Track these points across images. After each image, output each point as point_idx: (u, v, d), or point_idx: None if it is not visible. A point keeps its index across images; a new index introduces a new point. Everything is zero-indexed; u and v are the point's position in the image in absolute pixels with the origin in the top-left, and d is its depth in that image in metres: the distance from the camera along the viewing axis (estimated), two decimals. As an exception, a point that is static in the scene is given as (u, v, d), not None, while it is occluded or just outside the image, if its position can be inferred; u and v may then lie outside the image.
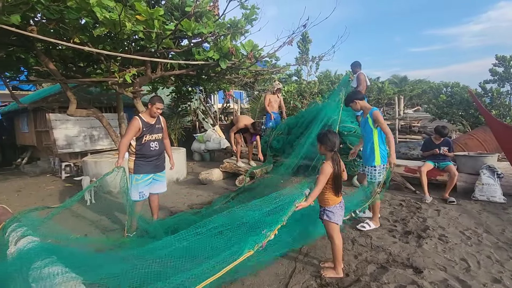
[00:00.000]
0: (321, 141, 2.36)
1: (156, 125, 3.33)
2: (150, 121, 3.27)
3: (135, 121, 3.16)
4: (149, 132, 3.24)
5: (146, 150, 3.23)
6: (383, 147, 3.25)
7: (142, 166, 3.24)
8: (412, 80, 26.28)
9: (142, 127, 3.17)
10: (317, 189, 2.26)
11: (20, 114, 9.22)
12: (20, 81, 5.84)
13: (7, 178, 7.72)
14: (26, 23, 3.38)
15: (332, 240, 2.37)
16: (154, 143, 3.30)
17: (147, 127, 3.22)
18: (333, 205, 2.35)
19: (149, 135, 3.24)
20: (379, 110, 3.26)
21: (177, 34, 4.11)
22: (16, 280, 1.56)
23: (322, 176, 2.26)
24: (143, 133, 3.19)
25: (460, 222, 3.41)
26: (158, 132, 3.34)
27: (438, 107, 9.77)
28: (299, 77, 15.17)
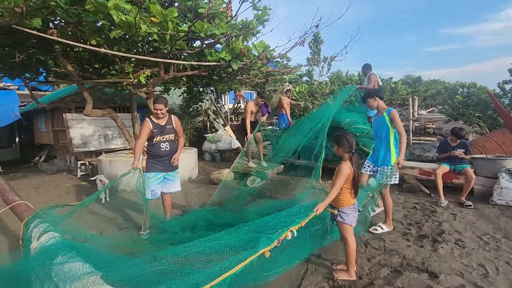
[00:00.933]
0: (339, 143, 2.33)
1: (167, 125, 3.36)
2: (160, 122, 3.30)
3: (146, 123, 3.24)
4: (159, 133, 3.28)
5: (156, 150, 3.30)
6: (397, 148, 3.23)
7: (153, 165, 3.31)
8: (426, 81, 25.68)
9: (153, 128, 3.23)
10: (335, 190, 2.24)
11: (39, 114, 9.53)
12: (39, 82, 6.05)
13: (26, 175, 8.00)
14: (46, 27, 3.50)
15: (346, 242, 2.35)
16: (165, 144, 3.33)
17: (158, 128, 3.27)
18: (347, 206, 2.34)
19: (159, 136, 3.29)
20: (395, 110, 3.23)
21: (190, 36, 4.16)
22: (38, 274, 1.62)
23: (341, 177, 2.24)
24: (154, 134, 3.24)
25: (477, 227, 3.31)
26: (169, 133, 3.37)
27: (454, 108, 9.51)
28: (310, 77, 15.07)
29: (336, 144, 2.36)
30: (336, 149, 2.37)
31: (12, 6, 2.54)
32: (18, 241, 2.41)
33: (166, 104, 3.30)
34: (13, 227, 3.84)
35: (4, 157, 11.05)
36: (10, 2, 2.49)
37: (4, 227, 3.93)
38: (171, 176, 3.48)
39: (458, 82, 10.87)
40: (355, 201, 2.40)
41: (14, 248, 3.13)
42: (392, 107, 3.30)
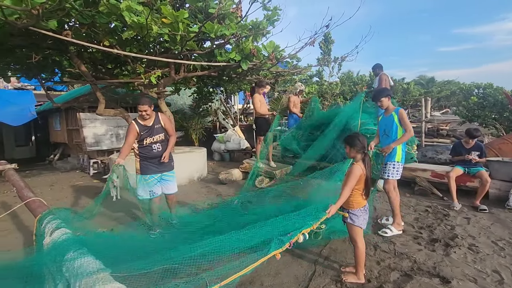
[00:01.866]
0: (351, 143, 2.29)
1: (155, 125, 3.23)
2: (147, 123, 3.18)
3: (131, 126, 3.15)
4: (148, 134, 3.18)
5: (149, 152, 3.22)
6: (404, 148, 3.29)
7: (147, 167, 3.25)
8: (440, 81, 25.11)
9: (140, 130, 3.13)
10: (346, 191, 2.21)
11: (54, 113, 9.80)
12: (54, 82, 6.23)
13: (41, 173, 8.24)
14: (61, 28, 3.60)
15: (355, 244, 2.32)
16: (156, 144, 3.24)
17: (145, 130, 3.17)
18: (358, 208, 2.30)
19: (149, 138, 3.19)
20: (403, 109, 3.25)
21: (200, 36, 4.20)
22: (50, 268, 1.67)
23: (352, 178, 2.21)
24: (142, 136, 3.15)
25: (492, 232, 3.21)
26: (158, 133, 3.25)
27: (469, 110, 9.25)
28: (320, 78, 14.96)
29: (348, 145, 2.32)
30: (349, 150, 2.33)
31: (29, 9, 2.62)
32: (31, 236, 2.49)
33: (150, 104, 3.16)
34: (27, 222, 3.96)
35: (21, 155, 11.42)
36: (27, 4, 2.58)
37: (19, 223, 4.06)
38: (168, 177, 3.40)
39: (473, 83, 10.56)
40: (366, 203, 2.36)
41: (28, 243, 3.23)
42: (400, 107, 3.31)
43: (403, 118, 3.15)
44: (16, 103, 9.10)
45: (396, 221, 3.24)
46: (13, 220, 4.16)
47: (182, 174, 5.92)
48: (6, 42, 3.70)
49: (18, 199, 3.16)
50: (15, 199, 5.26)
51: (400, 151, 3.23)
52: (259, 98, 5.45)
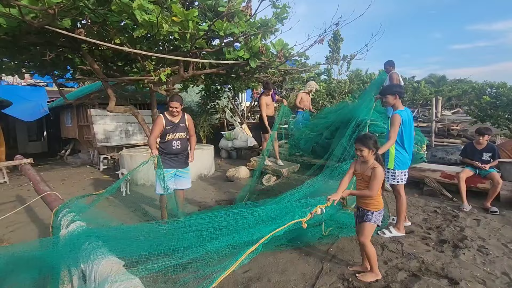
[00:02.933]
0: (369, 146, 2.25)
1: (180, 124, 3.37)
2: (174, 119, 3.32)
3: (159, 119, 3.28)
4: (172, 131, 3.31)
5: (168, 148, 3.33)
6: (402, 152, 3.14)
7: (164, 162, 3.32)
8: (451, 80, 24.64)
9: (166, 125, 3.26)
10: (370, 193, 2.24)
11: (65, 109, 10.01)
12: (66, 79, 6.36)
13: (53, 167, 8.44)
14: (75, 27, 3.67)
15: (367, 244, 2.32)
16: (177, 142, 3.36)
17: (170, 126, 3.30)
18: (380, 209, 2.34)
19: (172, 134, 3.32)
20: (404, 112, 3.11)
21: (210, 34, 4.22)
22: (66, 260, 1.74)
23: (379, 182, 2.23)
24: (166, 131, 3.27)
25: (503, 234, 3.17)
26: (181, 131, 3.39)
27: (481, 109, 9.06)
28: (329, 76, 14.85)
29: (365, 147, 2.25)
30: (367, 153, 2.26)
31: (46, 8, 2.69)
32: (46, 228, 2.57)
33: (181, 102, 3.32)
34: (42, 215, 4.08)
35: (34, 149, 11.71)
36: (44, 4, 2.64)
37: (34, 215, 4.19)
38: (182, 173, 3.50)
39: (486, 82, 10.32)
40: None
41: (43, 235, 3.34)
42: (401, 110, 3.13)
43: (393, 123, 3.02)
44: (30, 99, 9.34)
45: (397, 225, 3.21)
46: (28, 213, 4.29)
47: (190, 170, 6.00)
48: (22, 40, 3.80)
49: (32, 193, 3.27)
50: (29, 193, 5.42)
51: (392, 157, 3.12)
52: (266, 100, 5.59)
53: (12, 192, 5.74)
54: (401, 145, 3.14)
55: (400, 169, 3.15)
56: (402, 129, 3.07)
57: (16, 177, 6.95)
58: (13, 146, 10.78)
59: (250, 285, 2.31)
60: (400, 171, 3.16)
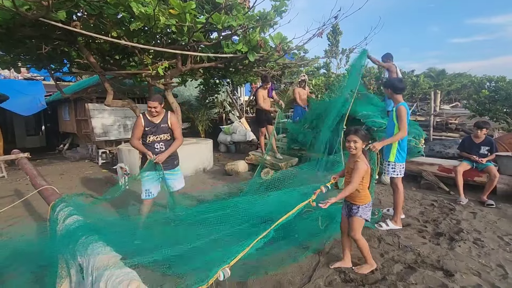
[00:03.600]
0: (362, 137, 2.25)
1: (162, 124, 3.07)
2: (154, 120, 3.04)
3: (138, 120, 3.03)
4: (153, 132, 3.04)
5: (151, 151, 3.01)
6: (404, 146, 3.17)
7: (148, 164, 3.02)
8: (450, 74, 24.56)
9: (145, 125, 3.00)
10: (351, 187, 2.20)
11: (63, 104, 9.96)
12: (63, 72, 6.31)
13: (51, 162, 8.43)
14: (70, 19, 3.63)
15: (359, 238, 2.34)
16: (160, 144, 3.08)
17: (151, 127, 3.02)
18: (368, 202, 2.33)
19: (153, 136, 3.04)
20: (406, 105, 3.12)
21: (208, 27, 4.18)
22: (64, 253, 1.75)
23: (360, 175, 2.21)
24: (146, 132, 3.02)
25: (498, 227, 3.20)
26: (163, 132, 3.09)
27: (479, 103, 9.07)
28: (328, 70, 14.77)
29: (360, 139, 2.24)
30: (361, 145, 2.25)
31: (40, 0, 2.65)
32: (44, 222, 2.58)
33: (160, 101, 3.03)
34: (39, 209, 4.09)
35: (32, 144, 11.68)
36: (37, -5, 2.61)
37: (31, 210, 4.20)
38: (171, 175, 3.20)
39: (485, 76, 10.32)
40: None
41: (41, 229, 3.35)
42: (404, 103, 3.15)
43: (400, 115, 3.03)
44: (27, 93, 9.27)
45: (394, 218, 3.24)
46: (26, 207, 4.30)
47: (188, 165, 6.01)
48: (17, 32, 3.75)
49: (30, 187, 3.27)
50: (27, 187, 5.42)
51: (394, 150, 3.14)
52: (263, 93, 5.56)
53: (10, 186, 5.74)
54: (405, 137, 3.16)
55: (400, 162, 3.18)
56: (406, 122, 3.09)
57: (14, 172, 6.94)
58: (11, 141, 10.75)
59: (248, 278, 2.33)
60: (400, 164, 3.19)
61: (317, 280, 2.28)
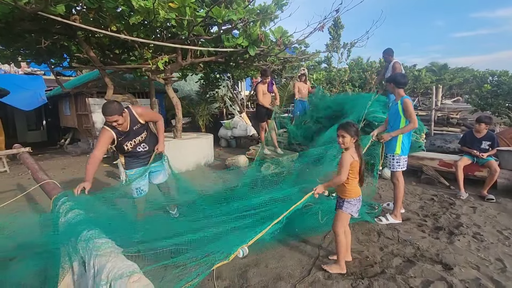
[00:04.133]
0: (350, 132, 2.22)
1: (134, 127, 2.71)
2: (123, 128, 2.65)
3: (103, 132, 2.58)
4: (128, 139, 2.71)
5: (135, 154, 2.84)
6: (407, 140, 3.20)
7: (133, 163, 2.89)
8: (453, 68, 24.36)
9: (117, 136, 2.64)
10: (338, 178, 2.19)
11: (63, 98, 9.95)
12: (63, 67, 6.29)
13: (53, 156, 8.47)
14: (69, 13, 3.61)
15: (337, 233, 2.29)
16: (141, 145, 2.83)
17: (123, 135, 2.67)
18: (355, 197, 2.29)
19: (129, 143, 2.72)
20: (408, 98, 3.13)
21: (208, 21, 4.15)
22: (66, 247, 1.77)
23: (345, 166, 2.18)
24: (121, 142, 2.67)
25: (498, 221, 3.21)
26: (140, 133, 2.78)
27: (482, 98, 9.02)
28: (329, 64, 14.67)
29: (347, 134, 2.21)
30: (349, 140, 2.22)
31: (38, -7, 2.63)
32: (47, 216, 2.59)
33: (119, 112, 2.49)
34: (42, 203, 4.12)
35: (33, 139, 11.71)
36: (36, -12, 2.58)
37: (34, 204, 4.23)
38: (156, 168, 3.03)
39: (488, 70, 10.25)
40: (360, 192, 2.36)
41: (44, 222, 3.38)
42: (407, 96, 3.18)
43: (407, 108, 3.03)
44: (27, 88, 9.26)
45: (394, 213, 3.25)
46: (28, 201, 4.33)
47: (189, 159, 6.02)
48: (16, 26, 3.73)
49: (32, 182, 3.28)
50: (29, 181, 5.45)
51: (399, 143, 3.15)
52: (262, 88, 5.54)
53: (13, 181, 5.77)
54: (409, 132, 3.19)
55: (404, 154, 3.20)
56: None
57: (17, 166, 6.98)
58: (12, 136, 10.77)
59: (248, 271, 2.36)
60: (404, 157, 3.20)
61: (316, 273, 2.30)
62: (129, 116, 2.65)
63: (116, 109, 2.45)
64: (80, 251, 1.67)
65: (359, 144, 2.29)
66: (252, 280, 2.26)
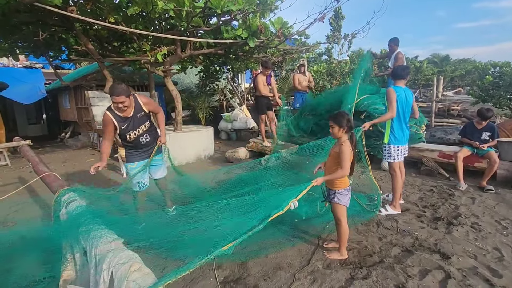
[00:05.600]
0: (340, 123, 2.19)
1: (137, 114, 2.70)
2: (126, 114, 2.63)
3: (105, 117, 2.58)
4: (131, 128, 2.68)
5: (137, 145, 2.82)
6: (397, 129, 3.17)
7: (134, 156, 2.87)
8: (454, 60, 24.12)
9: (119, 124, 2.61)
10: (343, 171, 2.18)
11: (63, 92, 9.90)
12: (62, 60, 6.25)
13: (53, 150, 8.49)
14: (66, 4, 3.56)
15: (339, 223, 2.35)
16: (144, 135, 2.80)
17: (125, 122, 2.64)
18: (344, 188, 2.30)
19: (133, 132, 2.70)
20: (394, 88, 3.10)
21: (206, 12, 4.10)
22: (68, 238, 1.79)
23: (347, 159, 2.17)
24: (123, 131, 2.64)
25: (496, 212, 3.23)
26: (143, 122, 2.76)
27: (483, 90, 8.93)
28: (330, 56, 14.53)
29: (336, 125, 2.21)
30: (337, 130, 2.22)
31: (34, -17, 2.59)
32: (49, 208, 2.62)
33: (127, 94, 2.52)
34: (43, 195, 4.15)
35: (34, 132, 11.70)
36: (31, -21, 2.55)
37: (35, 196, 4.27)
38: (155, 161, 2.99)
39: (490, 62, 10.12)
40: (349, 182, 2.37)
41: (45, 214, 3.41)
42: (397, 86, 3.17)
43: (388, 96, 3.06)
44: (26, 82, 9.21)
45: (393, 203, 3.27)
46: (30, 193, 4.36)
47: (189, 152, 6.03)
48: (12, 18, 3.69)
49: (33, 174, 3.30)
50: (30, 174, 5.48)
51: (388, 132, 3.18)
52: (262, 79, 5.47)
53: (14, 174, 5.81)
54: (398, 120, 3.16)
55: (395, 144, 3.18)
56: (398, 105, 3.08)
57: (18, 160, 7.01)
58: (13, 129, 10.76)
59: (248, 261, 2.39)
60: (395, 147, 3.19)
61: (315, 263, 2.33)
62: (134, 103, 2.67)
63: (124, 90, 2.49)
64: (82, 242, 1.69)
65: (351, 134, 2.26)
66: (252, 269, 2.29)
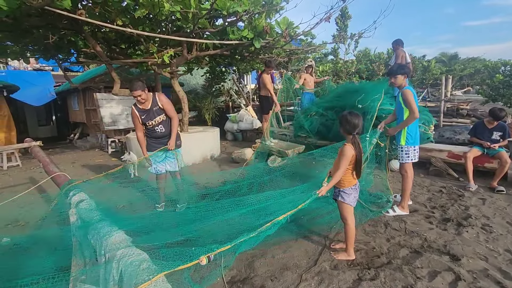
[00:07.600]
0: (340, 123, 2.25)
1: (153, 108, 3.23)
2: (144, 107, 3.21)
3: (132, 111, 3.25)
4: (149, 118, 3.23)
5: (153, 133, 3.36)
6: (413, 129, 3.12)
7: (152, 145, 3.39)
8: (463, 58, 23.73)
9: (139, 115, 3.19)
10: (339, 173, 2.18)
11: (72, 93, 10.08)
12: (71, 62, 6.36)
13: (63, 151, 8.64)
14: (75, 8, 3.63)
15: (346, 222, 2.35)
16: (159, 126, 3.32)
17: (144, 113, 3.21)
18: (348, 186, 2.29)
19: (150, 121, 3.25)
20: (411, 89, 3.06)
21: (212, 14, 4.13)
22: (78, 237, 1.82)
23: (344, 159, 2.17)
24: (143, 120, 3.22)
25: (508, 213, 3.16)
26: (158, 115, 3.27)
27: (493, 88, 8.78)
28: (336, 55, 14.45)
29: (340, 125, 2.27)
30: (342, 130, 2.27)
31: (44, -12, 2.65)
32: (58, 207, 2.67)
33: (143, 88, 3.08)
34: (53, 196, 4.22)
35: (44, 133, 11.93)
36: (42, -17, 2.60)
37: (46, 196, 4.35)
38: (170, 154, 3.43)
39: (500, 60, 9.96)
40: (357, 181, 2.35)
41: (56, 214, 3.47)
42: (409, 87, 3.11)
43: (406, 98, 3.00)
44: (36, 84, 9.39)
45: (402, 204, 3.23)
46: (41, 193, 4.45)
47: (195, 152, 6.06)
48: (23, 22, 3.78)
49: (44, 175, 3.36)
50: (41, 175, 5.58)
51: (404, 133, 3.12)
52: (269, 78, 5.44)
53: (25, 174, 5.93)
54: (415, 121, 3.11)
55: (412, 145, 3.14)
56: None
57: (28, 160, 7.15)
58: (23, 131, 10.98)
59: (255, 261, 2.39)
60: (412, 147, 3.14)
61: (323, 264, 2.32)
62: (151, 98, 3.22)
63: (139, 85, 3.04)
64: (91, 241, 1.72)
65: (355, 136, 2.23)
66: (259, 270, 2.29)
